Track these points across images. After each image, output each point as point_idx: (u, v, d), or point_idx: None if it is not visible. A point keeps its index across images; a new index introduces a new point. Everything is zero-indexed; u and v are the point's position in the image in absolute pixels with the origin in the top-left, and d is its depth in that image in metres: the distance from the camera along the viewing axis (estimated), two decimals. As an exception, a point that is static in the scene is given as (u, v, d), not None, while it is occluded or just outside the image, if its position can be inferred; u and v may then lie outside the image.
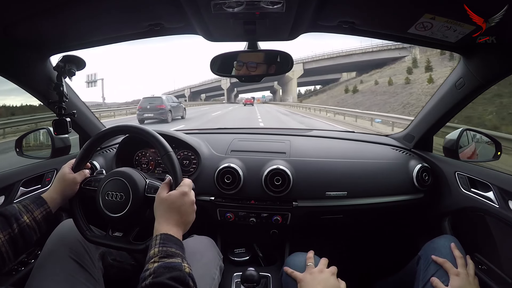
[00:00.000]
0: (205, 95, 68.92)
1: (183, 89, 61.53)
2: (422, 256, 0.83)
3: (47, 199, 0.66)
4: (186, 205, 0.60)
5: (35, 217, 0.62)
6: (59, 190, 0.69)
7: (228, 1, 0.62)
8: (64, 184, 0.70)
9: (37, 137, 1.15)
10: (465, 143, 1.05)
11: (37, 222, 0.62)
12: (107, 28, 0.80)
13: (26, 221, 0.60)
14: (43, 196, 0.67)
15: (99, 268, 0.75)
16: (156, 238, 0.53)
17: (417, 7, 0.65)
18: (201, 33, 0.81)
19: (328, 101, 28.55)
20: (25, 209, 0.62)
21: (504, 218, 0.78)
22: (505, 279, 0.81)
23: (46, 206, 0.65)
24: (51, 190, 0.69)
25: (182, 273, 0.48)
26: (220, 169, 1.03)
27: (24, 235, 0.60)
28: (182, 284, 0.47)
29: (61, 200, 0.69)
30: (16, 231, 0.59)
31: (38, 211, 0.63)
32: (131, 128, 0.73)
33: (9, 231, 0.58)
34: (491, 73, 0.81)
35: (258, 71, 0.85)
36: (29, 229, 0.61)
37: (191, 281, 0.49)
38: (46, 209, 0.65)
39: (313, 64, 43.30)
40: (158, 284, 0.45)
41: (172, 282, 0.46)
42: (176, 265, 0.49)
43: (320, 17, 0.72)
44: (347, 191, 1.03)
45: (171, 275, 0.47)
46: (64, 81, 0.87)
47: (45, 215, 0.64)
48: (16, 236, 0.58)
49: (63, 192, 0.69)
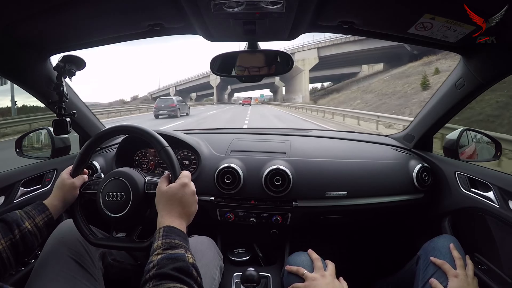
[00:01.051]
0: (196, 94, 59.72)
1: (168, 87, 50.29)
2: (421, 256, 0.83)
3: (48, 205, 0.66)
4: (187, 196, 0.60)
5: (37, 223, 0.62)
6: (59, 196, 0.69)
7: (228, 1, 0.62)
8: (64, 190, 0.70)
9: (37, 137, 1.15)
10: (465, 143, 1.06)
11: (38, 228, 0.62)
12: (107, 28, 0.80)
13: (27, 227, 0.60)
14: (44, 203, 0.67)
15: (99, 268, 0.75)
16: (160, 230, 0.54)
17: (417, 7, 0.64)
18: (201, 33, 0.81)
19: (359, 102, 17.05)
20: (27, 215, 0.62)
21: (504, 218, 0.78)
22: (505, 279, 0.81)
23: (47, 212, 0.65)
24: (51, 197, 0.69)
25: (186, 264, 0.48)
26: (220, 169, 1.03)
27: (26, 241, 0.60)
28: (185, 275, 0.47)
29: (62, 206, 0.69)
30: (18, 237, 0.59)
31: (39, 217, 0.63)
32: (127, 128, 0.73)
33: (11, 237, 0.58)
34: (491, 73, 0.81)
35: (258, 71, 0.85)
36: (31, 235, 0.61)
37: (195, 271, 0.49)
38: (48, 216, 0.65)
39: (332, 50, 27.78)
40: (162, 275, 0.46)
41: (176, 273, 0.46)
42: (180, 256, 0.49)
43: (320, 17, 0.72)
44: (347, 191, 1.03)
45: (174, 265, 0.47)
46: (64, 81, 0.87)
47: (46, 221, 0.64)
48: (18, 242, 0.59)
49: (64, 198, 0.69)
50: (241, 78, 0.88)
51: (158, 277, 0.46)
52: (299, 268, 0.77)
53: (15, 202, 0.89)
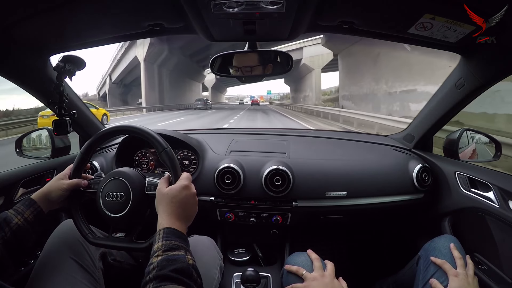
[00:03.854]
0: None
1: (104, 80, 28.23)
2: (422, 256, 0.83)
3: (36, 199, 0.67)
4: (188, 198, 0.60)
5: (26, 218, 0.63)
6: (45, 190, 0.69)
7: (228, 1, 0.62)
8: (50, 185, 0.70)
9: (37, 137, 1.15)
10: (465, 143, 1.06)
11: (29, 223, 0.63)
12: (107, 28, 0.80)
13: (18, 223, 0.61)
14: (32, 197, 0.67)
15: (100, 268, 0.75)
16: (160, 232, 0.54)
17: (417, 7, 0.65)
18: (201, 33, 0.81)
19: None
20: (16, 212, 0.63)
21: (504, 218, 0.78)
22: (505, 279, 0.81)
23: (36, 205, 0.65)
24: (39, 190, 0.69)
25: (186, 265, 0.49)
26: (220, 169, 1.03)
27: (18, 237, 0.60)
28: (185, 276, 0.47)
29: (47, 200, 0.69)
30: (9, 235, 0.59)
31: (28, 212, 0.64)
32: (128, 128, 0.73)
33: (2, 235, 0.59)
34: (491, 73, 0.81)
35: (257, 71, 0.85)
36: (22, 230, 0.61)
37: (195, 272, 0.49)
38: (37, 209, 0.65)
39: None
40: (162, 276, 0.46)
41: (176, 274, 0.46)
42: (179, 258, 0.49)
43: (320, 17, 0.72)
44: (347, 191, 1.03)
45: (174, 267, 0.47)
46: (64, 81, 0.87)
47: (36, 214, 0.65)
48: (10, 239, 0.59)
49: (46, 195, 0.69)
50: (241, 78, 0.88)
51: (158, 278, 0.46)
52: (299, 268, 0.77)
53: (15, 202, 0.89)
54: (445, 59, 4.81)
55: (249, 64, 0.85)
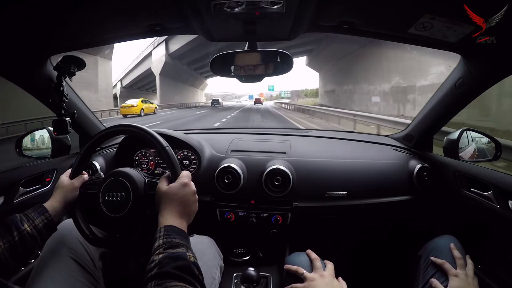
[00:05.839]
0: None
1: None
2: (422, 256, 0.83)
3: (48, 208, 0.66)
4: (188, 195, 0.61)
5: (36, 226, 0.62)
6: (59, 198, 0.68)
7: (228, 1, 0.62)
8: (63, 191, 0.69)
9: (37, 137, 1.15)
10: (465, 143, 1.05)
11: (38, 231, 0.62)
12: (107, 28, 0.80)
13: (26, 229, 0.60)
14: (44, 205, 0.66)
15: (99, 268, 0.75)
16: (160, 230, 0.54)
17: (417, 7, 0.65)
18: (201, 33, 0.81)
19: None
20: (26, 218, 0.62)
21: (504, 218, 0.78)
22: (505, 279, 0.81)
23: (47, 214, 0.65)
24: (51, 199, 0.68)
25: (187, 262, 0.49)
26: (220, 169, 1.03)
27: (25, 243, 0.59)
28: (187, 273, 0.47)
29: (63, 208, 0.68)
30: (17, 239, 0.58)
31: (39, 219, 0.63)
32: (128, 128, 0.73)
33: (9, 239, 0.58)
34: (491, 73, 0.81)
35: (258, 71, 0.85)
36: (30, 237, 0.60)
37: (196, 269, 0.49)
38: (48, 217, 0.64)
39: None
40: (163, 274, 0.46)
41: (177, 272, 0.46)
42: (181, 255, 0.49)
43: (320, 17, 0.72)
44: (347, 191, 1.03)
45: (176, 264, 0.47)
46: (64, 81, 0.87)
47: (46, 223, 0.64)
48: (16, 244, 0.58)
49: (64, 200, 0.69)
50: (241, 78, 0.88)
51: (159, 276, 0.46)
52: (298, 268, 0.77)
53: (15, 202, 0.89)
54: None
55: (249, 63, 0.85)
